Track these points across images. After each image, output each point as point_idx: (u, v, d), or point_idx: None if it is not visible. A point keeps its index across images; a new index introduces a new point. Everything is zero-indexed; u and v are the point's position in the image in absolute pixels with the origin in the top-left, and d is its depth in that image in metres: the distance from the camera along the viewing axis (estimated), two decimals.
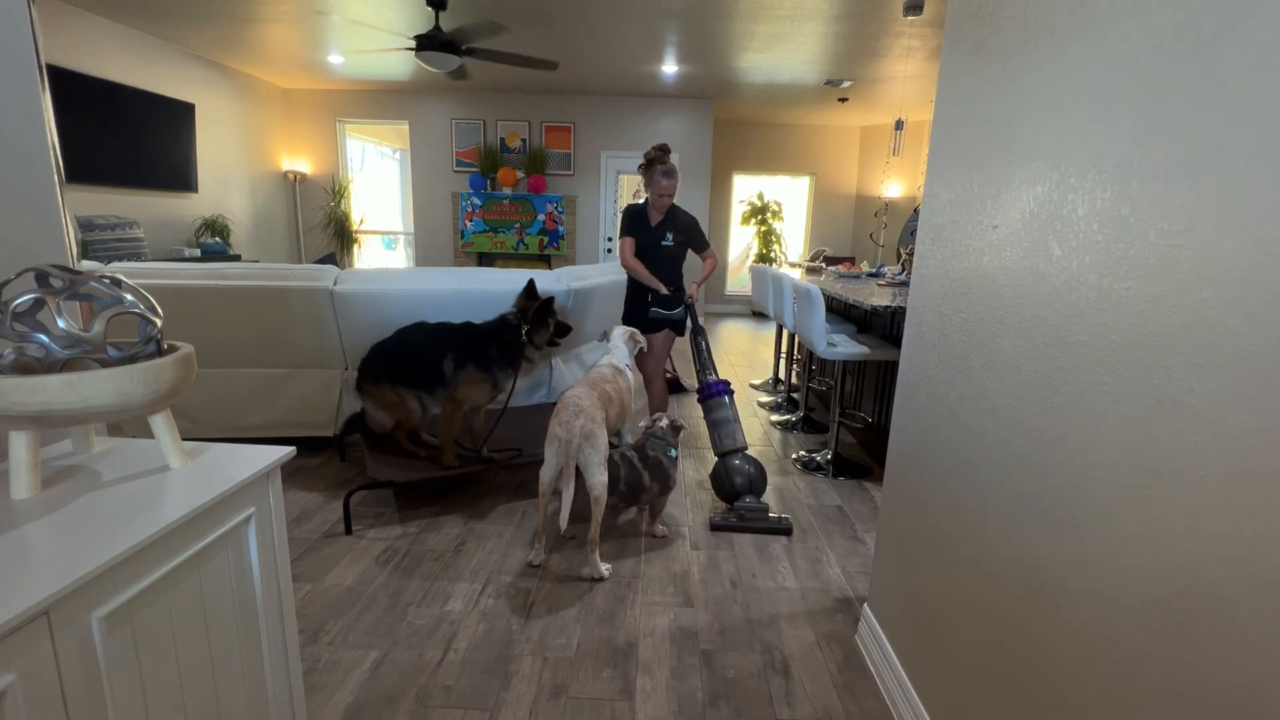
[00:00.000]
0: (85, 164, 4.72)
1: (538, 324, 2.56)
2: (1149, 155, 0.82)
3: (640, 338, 2.80)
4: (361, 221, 7.93)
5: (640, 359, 3.11)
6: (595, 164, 7.55)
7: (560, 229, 7.54)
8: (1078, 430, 0.94)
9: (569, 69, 6.10)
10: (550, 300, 2.60)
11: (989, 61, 1.26)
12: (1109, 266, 0.89)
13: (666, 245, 3.29)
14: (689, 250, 3.23)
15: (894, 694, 1.59)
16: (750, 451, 2.73)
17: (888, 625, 1.69)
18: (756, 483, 2.61)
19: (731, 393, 2.81)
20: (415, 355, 2.60)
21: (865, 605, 1.87)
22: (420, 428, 2.75)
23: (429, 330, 2.67)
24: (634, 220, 3.29)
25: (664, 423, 2.44)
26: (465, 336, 2.61)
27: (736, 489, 2.60)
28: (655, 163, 3.11)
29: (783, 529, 2.53)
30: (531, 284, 2.65)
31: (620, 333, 2.73)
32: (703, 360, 3.00)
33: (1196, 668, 0.73)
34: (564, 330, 2.66)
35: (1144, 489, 0.82)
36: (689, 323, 3.21)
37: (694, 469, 3.17)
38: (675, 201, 3.17)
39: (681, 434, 2.48)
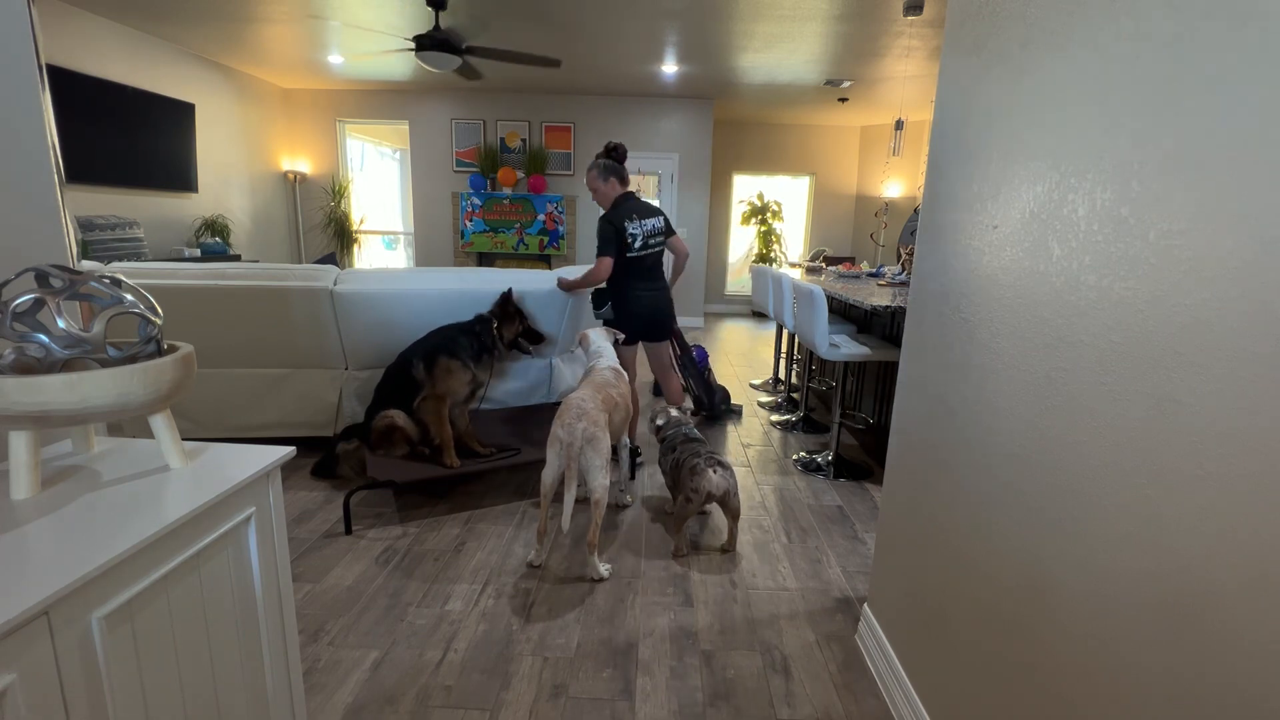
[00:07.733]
0: (85, 164, 4.71)
1: (504, 319, 2.85)
2: (1149, 155, 0.82)
3: (617, 333, 2.79)
4: (361, 221, 7.92)
5: (662, 362, 3.14)
6: None
7: (560, 229, 7.54)
8: (1078, 430, 0.94)
9: (569, 69, 6.10)
10: (508, 292, 2.90)
11: (989, 61, 1.26)
12: (1109, 266, 0.89)
13: None
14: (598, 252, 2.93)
15: (894, 694, 1.59)
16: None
17: (888, 625, 1.69)
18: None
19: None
20: (394, 377, 2.75)
21: (865, 605, 1.87)
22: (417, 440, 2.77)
23: (395, 363, 2.83)
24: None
25: (674, 413, 2.74)
26: (428, 336, 2.79)
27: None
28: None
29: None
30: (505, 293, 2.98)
31: (601, 334, 2.70)
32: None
33: (1196, 668, 0.73)
34: (535, 337, 2.92)
35: (1144, 489, 0.82)
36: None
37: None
38: (652, 202, 3.13)
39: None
